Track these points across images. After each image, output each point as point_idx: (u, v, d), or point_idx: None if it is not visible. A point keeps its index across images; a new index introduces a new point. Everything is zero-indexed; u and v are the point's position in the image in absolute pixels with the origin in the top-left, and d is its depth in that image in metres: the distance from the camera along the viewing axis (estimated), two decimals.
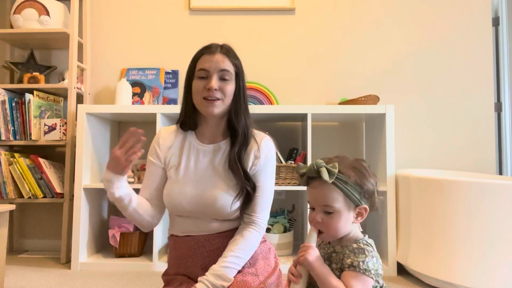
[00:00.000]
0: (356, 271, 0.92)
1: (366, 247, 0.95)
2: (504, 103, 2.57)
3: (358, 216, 0.99)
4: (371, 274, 0.91)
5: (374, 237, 2.25)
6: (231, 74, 1.20)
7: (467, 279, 1.69)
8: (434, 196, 1.82)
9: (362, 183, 0.98)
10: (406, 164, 2.49)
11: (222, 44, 1.24)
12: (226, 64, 1.19)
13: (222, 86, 1.18)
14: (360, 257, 0.93)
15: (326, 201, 0.96)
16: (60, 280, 1.95)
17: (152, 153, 1.28)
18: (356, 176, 0.97)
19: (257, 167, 1.23)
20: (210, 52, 1.20)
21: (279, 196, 2.52)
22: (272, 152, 1.28)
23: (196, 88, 1.20)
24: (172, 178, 1.24)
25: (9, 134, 2.34)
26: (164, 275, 1.30)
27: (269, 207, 1.26)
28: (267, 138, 1.29)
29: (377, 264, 0.93)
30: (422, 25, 2.57)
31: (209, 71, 1.18)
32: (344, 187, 0.96)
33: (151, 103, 2.50)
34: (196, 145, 1.26)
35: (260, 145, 1.25)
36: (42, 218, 2.59)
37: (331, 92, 2.57)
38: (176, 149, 1.27)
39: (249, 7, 2.60)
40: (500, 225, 1.66)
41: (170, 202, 1.22)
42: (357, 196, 0.97)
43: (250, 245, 1.18)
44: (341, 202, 0.96)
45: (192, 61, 1.24)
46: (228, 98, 1.20)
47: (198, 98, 1.20)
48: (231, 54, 1.22)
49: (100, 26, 2.64)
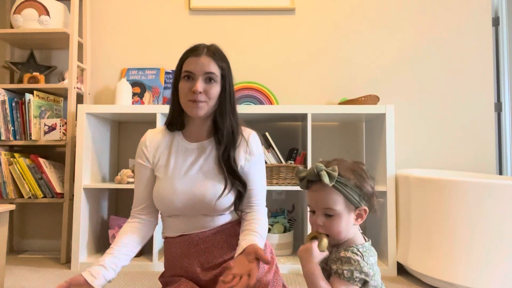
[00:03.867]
0: (341, 278, 0.94)
1: (353, 256, 0.95)
2: (504, 103, 2.57)
3: (358, 217, 1.01)
4: (356, 282, 0.93)
5: (374, 237, 2.26)
6: (216, 76, 1.21)
7: (467, 279, 1.69)
8: (434, 196, 1.82)
9: (362, 185, 1.00)
10: (406, 164, 2.49)
11: (209, 45, 1.25)
12: (211, 66, 1.20)
13: (207, 89, 1.19)
14: (345, 266, 0.95)
15: (327, 204, 0.98)
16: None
17: (140, 156, 1.30)
18: (355, 178, 0.99)
19: (250, 164, 1.27)
20: (196, 55, 1.21)
21: (279, 196, 2.52)
22: (260, 147, 1.32)
23: (182, 90, 1.22)
24: (160, 178, 1.26)
25: (9, 134, 2.34)
26: (160, 277, 1.31)
27: (265, 194, 1.31)
28: (254, 134, 1.32)
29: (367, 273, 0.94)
30: (422, 25, 2.57)
31: (194, 73, 1.20)
32: (344, 190, 0.97)
33: (151, 103, 2.50)
34: (183, 144, 1.28)
35: (249, 142, 1.28)
36: (42, 218, 2.59)
37: (331, 92, 2.57)
38: (164, 149, 1.28)
39: (249, 7, 2.60)
40: (500, 225, 1.66)
41: (160, 201, 1.24)
42: (357, 198, 0.99)
43: (263, 222, 1.23)
44: (342, 205, 0.98)
45: (179, 62, 1.26)
46: (212, 100, 1.21)
47: (183, 99, 1.22)
48: (217, 56, 1.22)
49: (100, 26, 2.64)
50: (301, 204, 2.46)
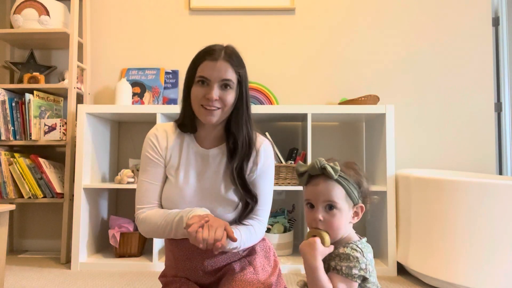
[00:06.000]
0: (339, 274, 0.94)
1: (352, 253, 0.95)
2: (504, 103, 2.57)
3: (354, 216, 1.01)
4: (355, 278, 0.93)
5: (374, 237, 2.26)
6: (233, 83, 1.15)
7: (467, 279, 1.69)
8: (434, 196, 1.82)
9: (360, 182, 1.01)
10: (406, 164, 2.49)
11: (226, 47, 1.17)
12: (228, 73, 1.13)
13: (222, 96, 1.13)
14: (344, 263, 0.94)
15: (329, 196, 0.97)
16: (60, 280, 1.95)
17: (152, 149, 1.21)
18: (355, 175, 1.01)
19: (255, 173, 1.21)
20: (212, 59, 1.13)
21: (279, 196, 2.52)
22: (271, 157, 1.25)
23: (195, 95, 1.15)
24: (171, 182, 1.21)
25: (9, 134, 2.34)
26: (161, 277, 1.29)
27: (269, 208, 1.25)
28: (266, 142, 1.26)
29: (366, 269, 0.94)
30: (422, 25, 2.57)
31: (210, 79, 1.13)
32: (346, 185, 0.98)
33: (151, 103, 2.50)
34: (195, 148, 1.23)
35: (259, 151, 1.22)
36: (42, 218, 2.59)
37: (331, 92, 2.57)
38: (175, 149, 1.23)
39: (249, 7, 2.60)
40: (500, 225, 1.66)
41: (168, 206, 1.20)
42: (356, 194, 0.99)
43: (252, 232, 1.17)
44: (343, 199, 0.98)
45: (192, 63, 1.18)
46: (227, 107, 1.15)
47: (196, 105, 1.16)
48: (234, 61, 1.15)
49: (100, 26, 2.64)
50: (301, 204, 2.46)
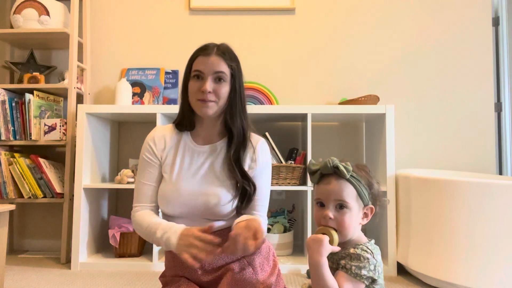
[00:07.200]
0: (348, 273, 0.94)
1: (363, 254, 0.95)
2: (504, 103, 2.57)
3: (364, 217, 1.02)
4: (363, 279, 0.93)
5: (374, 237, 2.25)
6: (226, 75, 1.20)
7: (467, 279, 1.69)
8: (434, 196, 1.82)
9: (371, 184, 1.02)
10: (406, 164, 2.49)
11: (219, 44, 1.24)
12: (221, 66, 1.19)
13: (216, 88, 1.19)
14: (354, 262, 0.94)
15: (341, 195, 0.98)
16: (60, 280, 1.95)
17: (148, 151, 1.27)
18: (366, 176, 1.02)
19: (254, 172, 1.24)
20: (205, 54, 1.20)
21: (279, 196, 2.52)
22: (268, 156, 1.30)
23: (191, 89, 1.21)
24: (166, 179, 1.24)
25: (9, 134, 2.34)
26: (161, 277, 1.30)
27: (267, 208, 1.28)
28: (262, 141, 1.30)
29: (375, 271, 0.94)
30: (422, 25, 2.57)
31: (204, 72, 1.19)
32: (358, 185, 0.99)
33: (151, 103, 2.50)
34: (191, 146, 1.27)
35: (256, 149, 1.26)
36: (42, 218, 2.59)
37: (331, 92, 2.57)
38: (171, 149, 1.27)
39: (249, 7, 2.60)
40: (500, 225, 1.66)
41: (163, 203, 1.23)
42: (367, 195, 1.00)
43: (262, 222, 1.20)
44: (354, 199, 0.99)
45: (188, 62, 1.24)
46: (222, 100, 1.20)
47: (193, 99, 1.21)
48: (227, 56, 1.21)
49: (100, 26, 2.64)
50: (301, 204, 2.46)
